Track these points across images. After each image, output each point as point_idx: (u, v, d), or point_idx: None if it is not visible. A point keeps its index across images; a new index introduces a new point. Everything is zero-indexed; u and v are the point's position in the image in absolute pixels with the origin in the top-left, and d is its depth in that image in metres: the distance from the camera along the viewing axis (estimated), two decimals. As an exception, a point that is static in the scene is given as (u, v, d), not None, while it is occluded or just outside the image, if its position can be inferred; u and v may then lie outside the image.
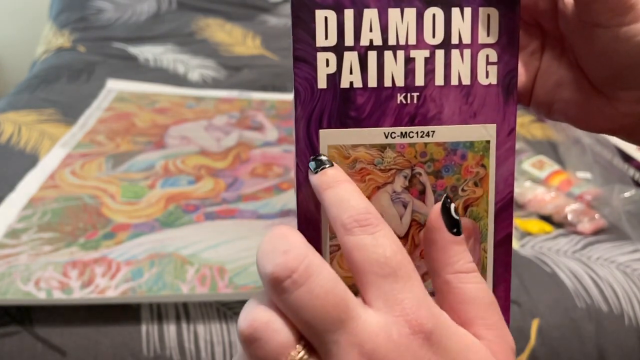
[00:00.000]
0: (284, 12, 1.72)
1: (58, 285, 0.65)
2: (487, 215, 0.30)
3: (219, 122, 1.13)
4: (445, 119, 0.29)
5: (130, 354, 0.63)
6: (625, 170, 0.98)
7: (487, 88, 0.29)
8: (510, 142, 0.30)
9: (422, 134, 0.29)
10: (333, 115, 0.29)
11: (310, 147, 0.29)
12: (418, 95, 0.29)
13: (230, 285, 0.66)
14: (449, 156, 0.29)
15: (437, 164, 0.29)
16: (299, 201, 0.29)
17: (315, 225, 0.29)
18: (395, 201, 0.30)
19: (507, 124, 0.30)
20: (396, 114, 0.29)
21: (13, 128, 1.07)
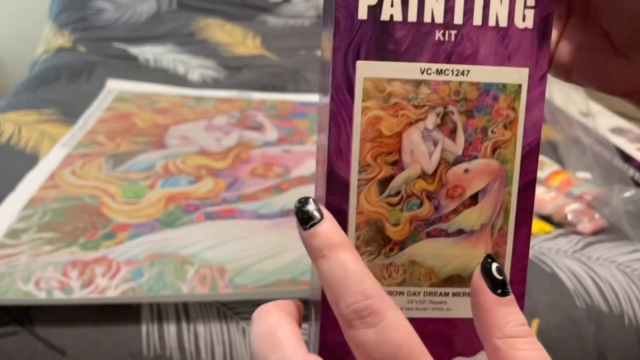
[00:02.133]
0: (284, 12, 1.72)
1: (58, 285, 0.65)
2: (514, 158, 0.31)
3: (219, 122, 1.13)
4: (480, 59, 0.30)
5: (130, 353, 0.63)
6: (625, 170, 0.98)
7: (522, 32, 0.30)
8: (541, 87, 0.30)
9: (457, 72, 0.30)
10: (371, 48, 0.29)
11: (346, 78, 0.29)
12: (456, 33, 0.29)
13: (230, 285, 0.67)
14: (481, 97, 0.30)
15: (470, 104, 0.30)
16: (331, 134, 0.30)
17: (345, 156, 0.30)
18: (426, 138, 0.30)
19: (540, 69, 0.30)
20: (433, 51, 0.29)
21: (13, 128, 1.07)
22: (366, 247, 0.31)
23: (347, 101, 0.29)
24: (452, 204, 0.31)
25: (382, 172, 0.30)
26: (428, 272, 0.31)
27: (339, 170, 0.29)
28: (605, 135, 1.05)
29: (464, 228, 0.31)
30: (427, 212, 0.31)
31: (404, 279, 0.31)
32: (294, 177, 0.93)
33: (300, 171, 0.95)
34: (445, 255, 0.31)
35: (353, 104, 0.29)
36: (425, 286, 0.32)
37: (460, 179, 0.30)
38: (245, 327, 0.66)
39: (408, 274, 0.31)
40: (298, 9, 1.72)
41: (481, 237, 0.31)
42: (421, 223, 0.31)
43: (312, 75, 1.40)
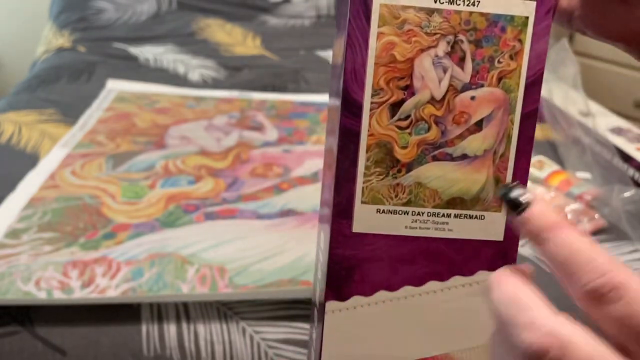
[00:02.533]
0: (284, 12, 1.72)
1: (58, 285, 0.65)
2: (518, 88, 0.32)
3: (219, 122, 1.13)
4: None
5: (131, 353, 0.63)
6: (624, 170, 0.98)
7: None
8: (547, 21, 0.32)
9: (468, 2, 0.31)
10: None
11: (364, 5, 0.31)
12: None
13: (230, 285, 0.67)
14: (490, 27, 0.32)
15: (479, 34, 0.32)
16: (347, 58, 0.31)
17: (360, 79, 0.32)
18: (436, 65, 0.32)
19: (546, 3, 0.32)
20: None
21: (13, 128, 1.07)
22: (375, 168, 0.33)
23: (364, 27, 0.31)
24: (458, 130, 0.33)
25: (394, 96, 0.32)
26: (432, 193, 0.33)
27: (353, 93, 0.31)
28: (605, 135, 1.05)
29: (468, 153, 0.33)
30: (434, 136, 0.33)
31: (410, 200, 0.33)
32: (294, 177, 0.93)
33: (300, 171, 0.95)
34: (449, 178, 0.33)
35: (369, 30, 0.31)
36: (429, 207, 0.33)
37: (467, 105, 0.32)
38: (246, 327, 0.66)
39: (413, 195, 0.33)
40: (298, 9, 1.72)
41: (484, 162, 0.33)
42: (428, 147, 0.33)
43: (312, 75, 1.40)
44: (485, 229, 0.34)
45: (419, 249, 0.33)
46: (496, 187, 0.32)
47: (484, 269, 0.34)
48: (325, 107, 1.23)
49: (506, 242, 0.34)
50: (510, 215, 0.27)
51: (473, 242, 0.34)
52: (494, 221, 0.34)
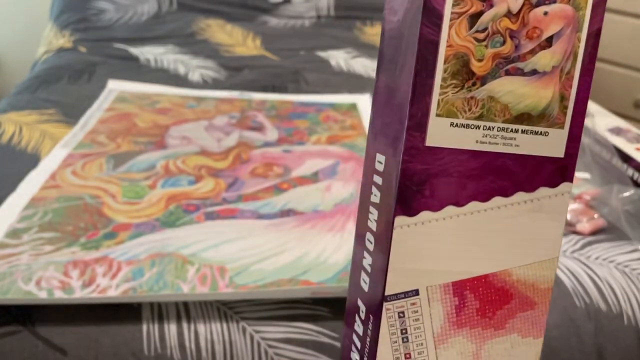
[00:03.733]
0: (285, 12, 1.72)
1: (59, 284, 0.66)
2: (586, 6, 0.34)
3: (219, 122, 1.13)
4: None
5: (131, 353, 0.63)
6: (624, 170, 0.98)
7: None
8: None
9: None
10: None
11: None
12: None
13: (230, 285, 0.67)
14: None
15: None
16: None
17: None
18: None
19: None
20: None
21: (14, 128, 1.07)
22: (452, 80, 0.34)
23: None
24: (530, 44, 0.34)
25: (474, 7, 0.33)
26: (503, 108, 0.35)
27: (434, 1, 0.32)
28: (604, 135, 1.05)
29: (537, 68, 0.34)
30: (508, 49, 0.34)
31: (482, 114, 0.35)
32: (294, 177, 0.93)
33: (300, 171, 0.95)
34: (520, 93, 0.34)
35: None
36: (499, 122, 0.35)
37: (540, 20, 0.34)
38: (246, 327, 0.66)
39: (485, 109, 0.35)
40: (298, 9, 1.72)
41: (552, 79, 0.35)
42: (502, 60, 0.34)
43: (312, 76, 1.40)
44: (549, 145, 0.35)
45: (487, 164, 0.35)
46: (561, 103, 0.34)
47: (545, 185, 0.36)
48: (325, 108, 1.23)
49: (566, 158, 0.36)
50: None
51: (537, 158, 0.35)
52: (557, 137, 0.36)
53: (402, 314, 0.36)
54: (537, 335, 0.38)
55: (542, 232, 0.36)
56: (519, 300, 0.37)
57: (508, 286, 0.37)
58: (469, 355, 0.38)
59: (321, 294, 0.67)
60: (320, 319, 0.67)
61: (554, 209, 0.36)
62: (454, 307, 0.37)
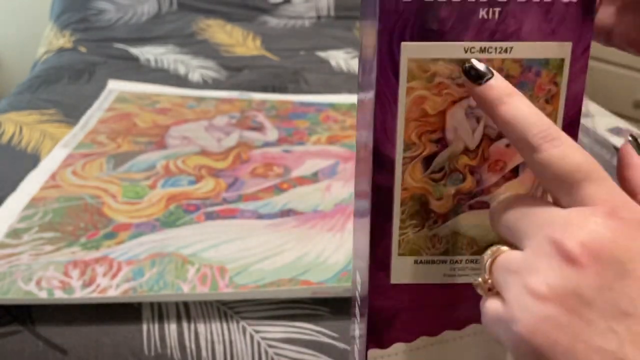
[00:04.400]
0: (284, 13, 1.72)
1: (59, 284, 0.66)
2: None
3: (219, 122, 1.13)
4: (523, 36, 0.30)
5: (132, 353, 0.63)
6: (624, 171, 0.98)
7: (567, 5, 0.29)
8: (584, 60, 0.30)
9: (500, 49, 0.30)
10: (415, 28, 0.29)
11: (391, 60, 0.29)
12: (500, 10, 0.29)
13: (230, 285, 0.67)
14: (524, 73, 0.30)
15: (512, 80, 0.30)
16: (376, 115, 0.30)
17: (391, 136, 0.31)
18: (469, 115, 0.31)
19: (583, 42, 0.30)
20: (477, 29, 0.29)
21: (14, 128, 1.08)
22: (411, 221, 0.32)
23: (393, 82, 0.30)
24: (494, 178, 0.32)
25: (427, 150, 0.31)
26: (470, 241, 0.33)
27: (384, 149, 0.30)
28: (604, 135, 1.05)
29: None
30: (469, 186, 0.32)
31: (447, 249, 0.33)
32: (294, 177, 0.93)
33: (300, 171, 0.95)
34: (487, 225, 0.31)
35: (398, 85, 0.30)
36: (467, 254, 0.33)
37: (502, 153, 0.31)
38: (246, 326, 0.66)
39: (451, 244, 0.33)
40: (298, 9, 1.73)
41: None
42: (464, 196, 0.32)
43: (312, 76, 1.40)
44: None
45: (459, 294, 0.33)
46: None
47: None
48: (325, 108, 1.23)
49: None
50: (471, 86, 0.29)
51: None
52: None
53: None
54: None
55: None
56: None
57: None
58: None
59: (321, 294, 0.67)
60: (320, 319, 0.67)
61: None
62: None
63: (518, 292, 0.25)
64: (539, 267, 0.24)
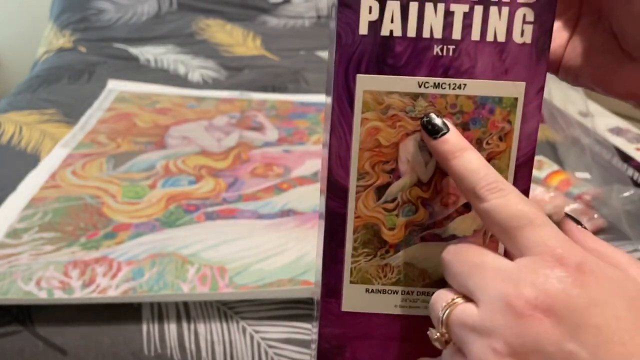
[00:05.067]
0: (284, 12, 1.72)
1: (59, 284, 0.66)
2: (507, 169, 0.32)
3: (219, 122, 1.13)
4: (477, 73, 0.30)
5: (131, 353, 0.63)
6: (624, 170, 0.98)
7: (520, 46, 0.30)
8: (538, 100, 0.31)
9: (454, 86, 0.30)
10: (371, 62, 0.30)
11: (347, 91, 0.30)
12: (454, 48, 0.30)
13: (230, 285, 0.67)
14: (477, 109, 0.31)
15: (466, 116, 0.31)
16: (331, 142, 0.31)
17: (345, 164, 0.31)
18: (422, 148, 0.31)
19: (537, 82, 0.31)
20: (431, 65, 0.30)
21: (14, 128, 1.07)
22: (363, 249, 0.32)
23: (348, 112, 0.30)
24: (446, 211, 0.32)
25: (380, 180, 0.31)
26: (422, 273, 0.33)
27: (338, 177, 0.31)
28: (604, 135, 1.05)
29: (457, 234, 0.32)
30: (421, 217, 0.32)
31: (399, 279, 0.33)
32: (294, 177, 0.93)
33: (300, 171, 0.95)
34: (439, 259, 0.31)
35: (353, 115, 0.30)
36: (418, 286, 0.33)
37: (455, 187, 0.31)
38: (246, 327, 0.66)
39: (403, 275, 0.33)
40: (298, 9, 1.73)
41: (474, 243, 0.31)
42: (416, 228, 0.32)
43: (312, 76, 1.40)
44: None
45: (410, 327, 0.33)
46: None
47: None
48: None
49: None
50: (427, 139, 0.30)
51: None
52: None
53: None
54: None
55: None
56: None
57: None
58: None
59: (321, 294, 0.67)
60: (320, 319, 0.67)
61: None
62: None
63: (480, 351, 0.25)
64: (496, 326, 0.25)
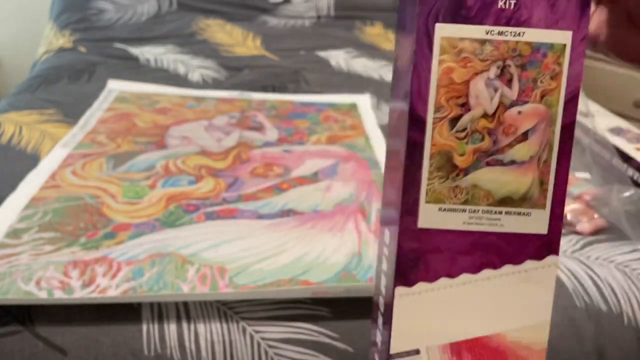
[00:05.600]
0: (284, 12, 1.72)
1: (59, 284, 0.66)
2: (558, 103, 0.38)
3: (219, 122, 1.13)
4: (533, 23, 0.37)
5: (131, 353, 0.63)
6: (624, 171, 0.98)
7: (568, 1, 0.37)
8: (582, 47, 0.38)
9: (514, 33, 0.37)
10: (447, 14, 0.37)
11: (427, 37, 0.37)
12: (515, 2, 0.37)
13: (230, 285, 0.67)
14: (533, 54, 0.37)
15: (524, 59, 0.37)
16: (413, 82, 0.38)
17: (424, 99, 0.38)
18: (488, 86, 0.38)
19: (581, 32, 0.37)
20: (496, 16, 0.37)
21: (14, 128, 1.07)
22: (437, 173, 0.39)
23: (427, 55, 0.37)
24: (507, 139, 0.39)
25: (453, 112, 0.38)
26: (486, 194, 0.39)
27: (419, 111, 0.38)
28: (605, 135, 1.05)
29: (516, 159, 0.39)
30: (487, 145, 0.39)
31: (467, 199, 0.39)
32: (294, 177, 0.93)
33: (300, 171, 0.95)
34: (501, 181, 0.39)
35: (432, 58, 0.37)
36: (483, 205, 0.39)
37: (514, 119, 0.38)
38: (246, 327, 0.66)
39: (470, 195, 0.39)
40: (298, 9, 1.72)
41: (530, 167, 0.39)
42: (482, 154, 0.39)
43: (312, 76, 1.40)
44: (532, 223, 0.40)
45: (475, 241, 0.40)
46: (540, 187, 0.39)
47: (531, 258, 0.41)
48: (325, 108, 1.23)
49: (550, 234, 0.41)
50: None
51: (521, 235, 0.40)
52: (539, 217, 0.40)
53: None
54: None
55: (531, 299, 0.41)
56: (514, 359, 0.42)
57: (503, 347, 0.41)
58: None
59: (321, 294, 0.67)
60: (320, 319, 0.67)
61: (542, 279, 0.41)
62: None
63: None
64: None
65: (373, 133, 1.12)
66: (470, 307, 0.41)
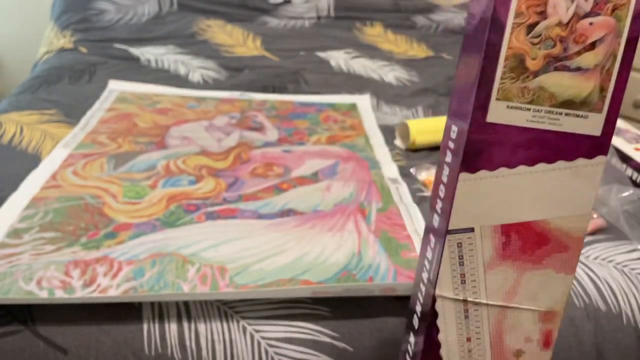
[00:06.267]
0: (285, 13, 1.72)
1: (60, 284, 0.66)
2: (626, 18, 0.42)
3: (219, 122, 1.14)
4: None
5: (132, 352, 0.64)
6: (623, 171, 0.98)
7: None
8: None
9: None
10: None
11: None
12: None
13: (231, 285, 0.67)
14: None
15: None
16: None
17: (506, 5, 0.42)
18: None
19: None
20: None
21: (15, 128, 1.08)
22: (510, 73, 0.43)
23: None
24: (577, 47, 0.43)
25: (531, 19, 0.42)
26: (550, 96, 0.44)
27: (500, 14, 0.42)
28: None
29: (582, 66, 0.43)
30: (557, 51, 0.43)
31: (532, 99, 0.44)
32: (294, 177, 0.93)
33: (300, 171, 0.95)
34: (565, 85, 0.43)
35: None
36: (546, 106, 0.44)
37: (586, 29, 0.42)
38: (246, 326, 0.66)
39: (536, 96, 0.44)
40: (298, 10, 1.73)
41: (593, 74, 0.43)
42: (552, 59, 0.43)
43: (312, 76, 1.40)
44: (588, 126, 0.45)
45: (535, 137, 0.45)
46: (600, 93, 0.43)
47: (583, 156, 0.45)
48: (325, 108, 1.23)
49: (602, 137, 0.45)
50: None
51: (577, 135, 0.45)
52: (595, 120, 0.45)
53: (460, 244, 0.48)
54: (569, 272, 0.49)
55: (577, 193, 0.46)
56: (555, 244, 0.47)
57: (546, 232, 0.47)
58: (511, 280, 0.48)
59: (321, 293, 0.68)
60: (320, 319, 0.67)
61: (589, 176, 0.46)
62: (501, 243, 0.47)
63: None
64: None
65: (373, 133, 1.12)
66: (523, 195, 0.46)
